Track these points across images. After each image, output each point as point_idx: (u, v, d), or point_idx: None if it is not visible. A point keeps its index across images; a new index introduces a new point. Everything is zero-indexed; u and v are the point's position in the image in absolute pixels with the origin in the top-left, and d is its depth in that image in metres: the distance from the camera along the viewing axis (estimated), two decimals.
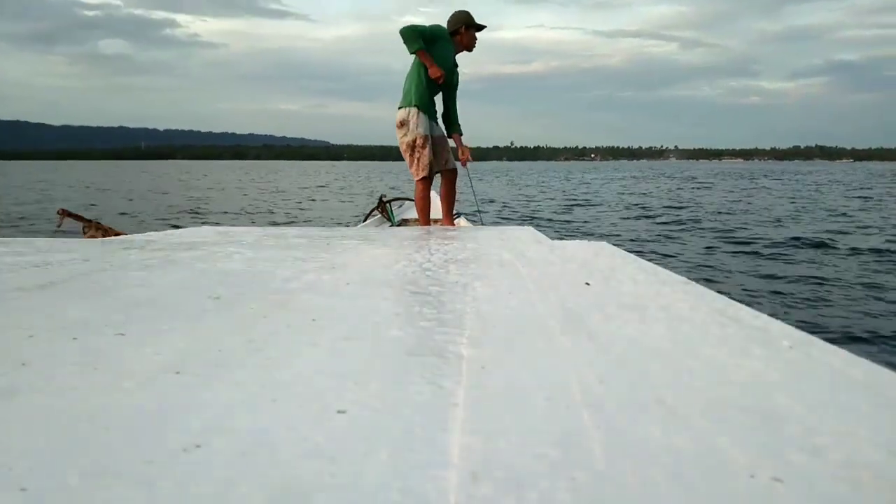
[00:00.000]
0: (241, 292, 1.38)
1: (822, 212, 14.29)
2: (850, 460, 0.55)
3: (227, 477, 0.51)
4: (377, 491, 0.49)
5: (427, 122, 4.36)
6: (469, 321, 1.09)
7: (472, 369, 0.81)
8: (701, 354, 0.88)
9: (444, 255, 2.09)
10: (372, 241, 2.60)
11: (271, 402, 0.69)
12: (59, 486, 0.49)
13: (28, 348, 0.90)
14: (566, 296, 1.32)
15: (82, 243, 2.38)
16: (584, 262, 1.83)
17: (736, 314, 1.12)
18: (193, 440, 0.58)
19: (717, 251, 8.40)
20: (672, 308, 1.19)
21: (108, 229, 4.79)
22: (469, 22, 4.44)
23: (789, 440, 0.59)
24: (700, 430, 0.61)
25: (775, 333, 0.99)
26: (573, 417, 0.64)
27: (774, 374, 0.79)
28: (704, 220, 12.66)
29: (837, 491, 0.50)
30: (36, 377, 0.77)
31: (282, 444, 0.58)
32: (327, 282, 1.54)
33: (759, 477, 0.51)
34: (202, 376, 0.78)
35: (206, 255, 2.03)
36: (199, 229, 3.29)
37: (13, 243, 2.26)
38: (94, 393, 0.72)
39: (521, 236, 2.76)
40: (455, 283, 1.55)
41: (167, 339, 0.96)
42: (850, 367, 0.82)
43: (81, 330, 1.01)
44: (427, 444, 0.58)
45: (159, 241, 2.49)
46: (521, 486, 0.49)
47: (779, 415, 0.65)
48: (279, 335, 1.00)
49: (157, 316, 1.13)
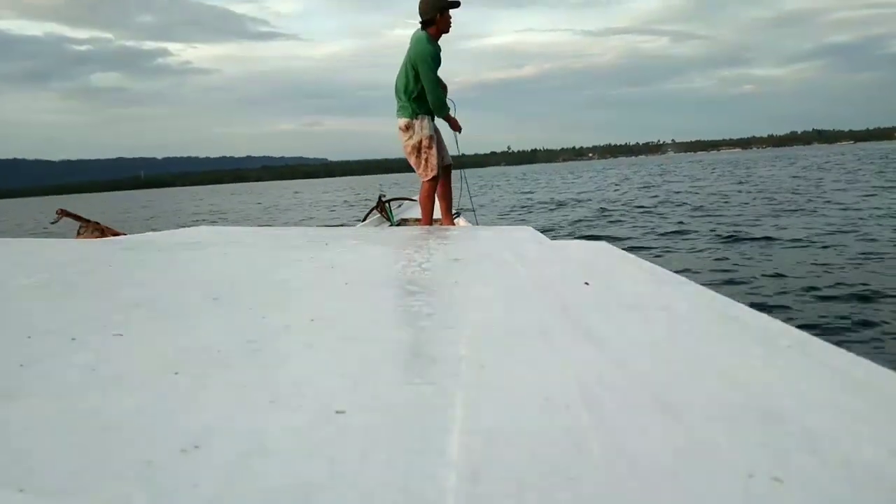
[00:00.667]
0: (240, 292, 1.38)
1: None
2: (850, 460, 0.55)
3: (227, 477, 0.51)
4: (377, 491, 0.49)
5: (431, 122, 4.34)
6: (468, 321, 1.09)
7: (471, 369, 0.80)
8: (701, 354, 0.88)
9: (443, 255, 2.09)
10: (371, 241, 2.60)
11: (270, 402, 0.69)
12: (59, 486, 0.49)
13: (28, 348, 0.90)
14: (566, 296, 1.32)
15: (82, 243, 2.38)
16: (583, 263, 1.83)
17: (736, 314, 1.12)
18: (193, 440, 0.58)
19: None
20: (672, 308, 1.19)
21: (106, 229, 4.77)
22: (443, 5, 4.17)
23: (789, 440, 0.59)
24: (700, 430, 0.61)
25: (775, 333, 0.99)
26: (573, 417, 0.64)
27: (774, 374, 0.79)
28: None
29: (837, 491, 0.50)
30: (35, 377, 0.77)
31: (281, 444, 0.58)
32: (326, 282, 1.54)
33: (758, 477, 0.51)
34: (201, 376, 0.78)
35: (206, 255, 2.03)
36: (198, 229, 3.29)
37: (13, 244, 2.26)
38: (93, 393, 0.72)
39: (521, 236, 2.76)
40: (454, 283, 1.55)
41: (166, 339, 0.96)
42: (850, 367, 0.82)
43: (81, 330, 1.01)
44: (427, 444, 0.58)
45: (159, 241, 2.48)
46: (521, 486, 0.49)
47: (779, 415, 0.65)
48: (278, 335, 1.00)
49: (157, 316, 1.13)
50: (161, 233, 3.09)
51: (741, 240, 8.14)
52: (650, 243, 8.54)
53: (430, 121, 4.32)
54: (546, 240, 2.59)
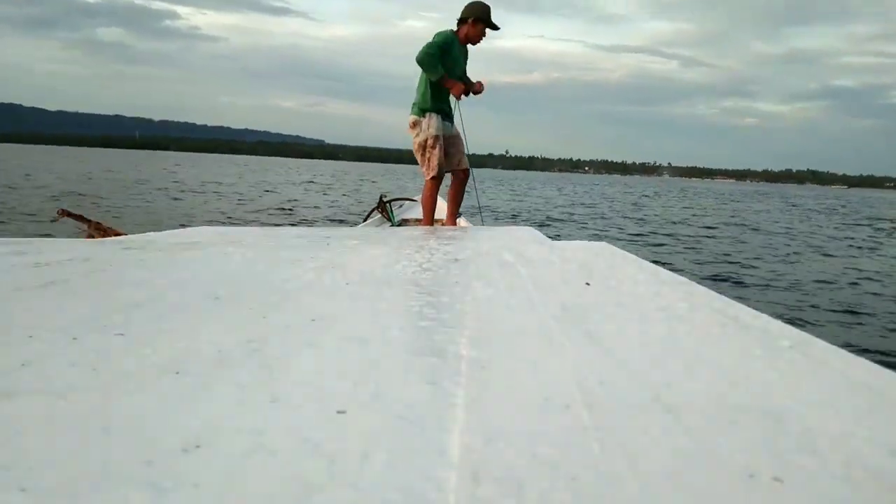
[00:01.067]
0: (240, 292, 1.38)
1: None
2: (850, 460, 0.55)
3: (227, 477, 0.51)
4: (377, 491, 0.49)
5: (439, 122, 4.35)
6: (469, 321, 1.09)
7: (472, 369, 0.80)
8: (701, 354, 0.88)
9: (444, 256, 2.09)
10: (372, 241, 2.60)
11: (271, 402, 0.69)
12: (59, 486, 0.49)
13: (28, 348, 0.90)
14: (566, 296, 1.32)
15: (82, 243, 2.38)
16: (583, 263, 1.83)
17: (736, 314, 1.12)
18: (193, 440, 0.58)
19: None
20: (672, 308, 1.19)
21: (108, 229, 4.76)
22: (481, 16, 4.38)
23: (789, 440, 0.59)
24: (700, 430, 0.61)
25: (775, 333, 0.99)
26: (573, 417, 0.64)
27: (774, 374, 0.79)
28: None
29: (837, 491, 0.50)
30: (36, 377, 0.77)
31: (281, 444, 0.58)
32: (327, 282, 1.54)
33: (759, 477, 0.51)
34: (202, 376, 0.78)
35: (206, 255, 2.03)
36: (198, 229, 3.29)
37: (13, 243, 2.26)
38: (93, 393, 0.72)
39: (521, 236, 2.76)
40: (455, 283, 1.55)
41: (167, 339, 0.96)
42: (850, 367, 0.82)
43: (81, 330, 1.01)
44: (427, 444, 0.58)
45: (159, 241, 2.49)
46: (521, 486, 0.49)
47: (779, 415, 0.65)
48: (279, 335, 1.00)
49: (157, 316, 1.13)
50: (161, 233, 3.09)
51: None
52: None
53: (440, 120, 4.34)
54: (546, 240, 2.59)
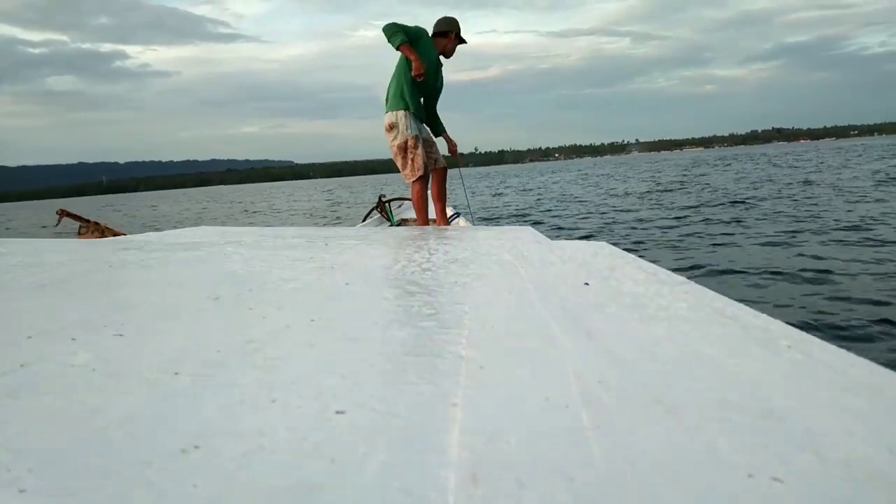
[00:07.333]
0: (239, 292, 1.38)
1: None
2: (850, 460, 0.55)
3: (227, 477, 0.51)
4: (377, 491, 0.49)
5: (416, 122, 4.35)
6: (468, 321, 1.09)
7: (471, 369, 0.80)
8: (701, 354, 0.88)
9: (443, 255, 2.09)
10: (371, 241, 2.60)
11: (270, 402, 0.69)
12: (59, 486, 0.49)
13: (27, 349, 0.90)
14: (566, 296, 1.32)
15: (81, 244, 2.38)
16: (583, 263, 1.83)
17: (736, 314, 1.12)
18: (193, 441, 0.58)
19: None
20: (672, 308, 1.19)
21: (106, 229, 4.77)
22: (456, 32, 4.57)
23: (789, 440, 0.59)
24: (700, 430, 0.61)
25: (775, 333, 0.99)
26: (573, 417, 0.64)
27: (774, 374, 0.79)
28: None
29: (837, 491, 0.50)
30: (35, 378, 0.77)
31: (281, 444, 0.58)
32: (326, 282, 1.54)
33: (758, 477, 0.51)
34: (201, 376, 0.78)
35: (205, 255, 2.03)
36: (197, 229, 3.29)
37: (12, 244, 2.26)
38: (92, 393, 0.72)
39: (521, 236, 2.76)
40: (454, 283, 1.55)
41: (166, 339, 0.96)
42: (850, 367, 0.82)
43: (80, 330, 1.01)
44: (426, 444, 0.58)
45: (158, 241, 2.48)
46: (521, 486, 0.49)
47: (778, 415, 0.65)
48: (278, 335, 1.00)
49: (156, 316, 1.13)
50: (161, 233, 3.09)
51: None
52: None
53: (415, 121, 4.35)
54: (546, 240, 2.59)
